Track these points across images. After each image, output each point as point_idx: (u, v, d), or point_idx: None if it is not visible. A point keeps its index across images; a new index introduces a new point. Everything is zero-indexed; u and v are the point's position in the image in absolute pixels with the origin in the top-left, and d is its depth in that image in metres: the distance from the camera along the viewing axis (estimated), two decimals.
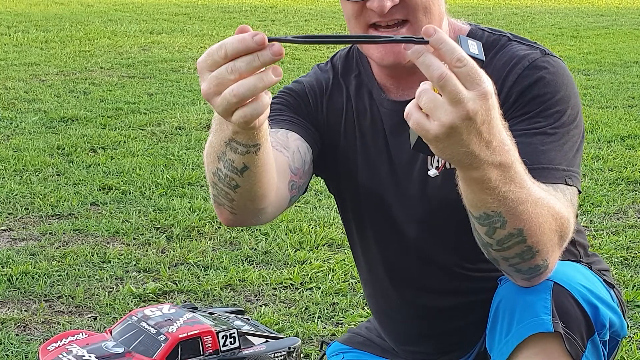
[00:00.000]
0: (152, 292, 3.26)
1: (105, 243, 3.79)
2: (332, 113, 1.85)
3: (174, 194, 4.44)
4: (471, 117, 1.29)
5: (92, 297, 3.23)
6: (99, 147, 5.34)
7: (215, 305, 3.16)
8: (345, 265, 3.49)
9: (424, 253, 1.87)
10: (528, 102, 1.66)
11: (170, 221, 4.01)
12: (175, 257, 3.61)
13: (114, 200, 4.33)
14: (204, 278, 3.40)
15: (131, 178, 4.67)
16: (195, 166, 4.93)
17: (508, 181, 1.39)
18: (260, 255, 3.62)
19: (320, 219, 4.03)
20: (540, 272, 1.56)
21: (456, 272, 1.87)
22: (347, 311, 3.11)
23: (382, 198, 1.84)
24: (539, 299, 1.60)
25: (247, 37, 1.24)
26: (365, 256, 1.98)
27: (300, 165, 1.75)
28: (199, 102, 6.73)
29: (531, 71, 1.68)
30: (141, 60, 8.70)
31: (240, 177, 1.49)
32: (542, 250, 1.50)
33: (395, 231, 1.86)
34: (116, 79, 7.72)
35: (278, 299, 3.23)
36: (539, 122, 1.64)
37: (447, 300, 1.90)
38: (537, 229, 1.47)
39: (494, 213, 1.44)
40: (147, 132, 5.76)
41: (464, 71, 1.27)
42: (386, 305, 2.01)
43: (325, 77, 1.88)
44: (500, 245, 1.50)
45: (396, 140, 1.78)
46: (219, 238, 3.83)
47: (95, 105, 6.55)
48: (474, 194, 1.42)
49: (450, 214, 1.68)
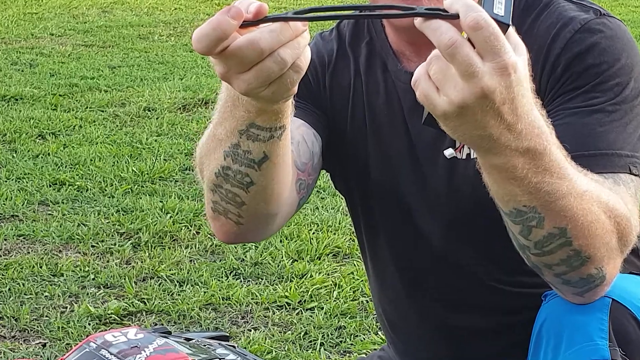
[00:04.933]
0: (115, 312, 3.26)
1: (56, 252, 3.79)
2: (337, 91, 1.86)
3: (141, 191, 4.45)
4: (487, 95, 1.29)
5: (40, 319, 3.24)
6: (49, 132, 5.35)
7: (193, 329, 3.16)
8: (354, 279, 3.50)
9: (450, 262, 1.87)
10: (580, 74, 1.66)
11: (137, 225, 4.02)
12: (144, 269, 3.62)
13: (67, 198, 4.34)
14: (178, 295, 3.41)
15: (89, 171, 4.68)
16: (168, 156, 4.94)
17: (540, 170, 1.40)
18: (249, 268, 3.63)
19: (324, 223, 4.04)
20: (595, 284, 1.57)
21: (491, 285, 1.87)
22: (356, 337, 3.12)
23: (400, 194, 1.85)
24: (593, 319, 1.60)
25: (220, 17, 1.28)
26: (377, 267, 1.99)
27: (308, 159, 1.76)
28: (173, 77, 6.74)
29: (583, 35, 1.67)
30: (101, 25, 8.71)
31: (257, 170, 1.52)
32: (594, 255, 1.51)
33: (415, 235, 1.87)
34: (70, 48, 7.73)
35: (271, 322, 3.24)
36: (596, 98, 1.64)
37: (479, 321, 1.91)
38: (585, 229, 1.47)
39: (527, 209, 1.44)
40: (108, 114, 5.77)
41: (480, 37, 1.27)
42: (403, 328, 2.02)
43: (329, 48, 1.89)
44: (540, 249, 1.50)
45: (417, 122, 1.79)
46: (197, 246, 3.84)
47: (44, 80, 6.56)
48: (497, 184, 1.43)
49: (483, 212, 1.68)
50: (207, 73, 6.88)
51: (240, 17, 1.30)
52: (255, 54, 1.31)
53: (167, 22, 9.02)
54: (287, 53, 1.31)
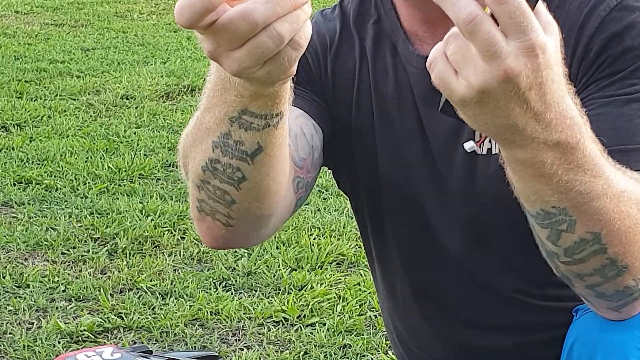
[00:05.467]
0: (89, 329, 3.26)
1: (21, 260, 3.80)
2: (341, 77, 1.86)
3: (118, 190, 4.45)
4: (511, 78, 1.29)
5: (3, 337, 3.24)
6: (13, 124, 5.35)
7: (177, 348, 3.17)
8: (360, 291, 3.51)
9: (469, 272, 1.88)
10: (617, 58, 1.66)
11: (113, 229, 4.02)
12: (121, 279, 3.63)
13: (34, 199, 4.34)
14: (161, 309, 3.42)
15: (59, 168, 4.69)
16: (148, 151, 4.95)
17: (573, 167, 1.40)
18: (241, 278, 3.64)
19: (326, 227, 4.04)
20: (632, 297, 1.57)
21: (514, 299, 1.88)
22: (363, 357, 3.13)
23: (411, 193, 1.85)
24: (630, 337, 1.61)
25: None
26: (386, 277, 1.99)
27: (307, 154, 1.76)
28: (154, 61, 6.74)
29: (620, 13, 1.68)
30: (73, 1, 8.72)
31: (249, 164, 1.52)
32: (632, 265, 1.51)
33: (428, 240, 1.88)
34: (38, 27, 7.74)
35: (266, 339, 3.25)
36: (634, 85, 1.64)
37: (502, 339, 1.91)
38: (622, 235, 1.47)
39: (556, 210, 1.44)
40: (81, 103, 5.78)
41: (504, 12, 1.27)
42: (416, 346, 2.03)
43: (331, 28, 1.89)
44: (570, 256, 1.50)
45: (431, 111, 1.79)
46: (182, 253, 3.85)
47: (7, 65, 6.56)
48: (523, 182, 1.42)
49: (506, 214, 1.69)
50: (194, 56, 6.89)
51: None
52: (249, 27, 1.29)
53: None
54: (284, 27, 1.30)
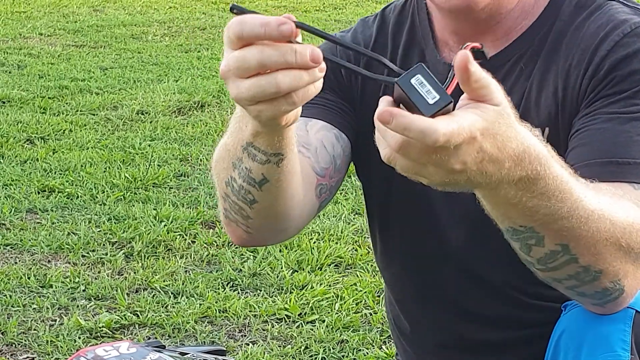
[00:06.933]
0: (107, 325, 3.26)
1: (45, 262, 3.79)
2: (369, 83, 1.85)
3: (134, 198, 4.44)
4: (460, 170, 1.30)
5: (28, 332, 3.24)
6: (38, 137, 5.35)
7: (188, 343, 3.16)
8: (357, 291, 3.49)
9: (469, 267, 1.87)
10: (624, 78, 1.66)
11: (129, 234, 4.01)
12: (137, 280, 3.62)
13: (56, 206, 4.33)
14: (173, 308, 3.41)
15: (79, 177, 4.68)
16: (162, 162, 4.94)
17: (536, 195, 1.38)
18: (247, 279, 3.63)
19: (325, 231, 4.03)
20: (612, 296, 1.56)
21: (510, 295, 1.86)
22: (359, 351, 3.12)
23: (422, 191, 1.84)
24: (615, 329, 1.60)
25: (272, 22, 1.25)
26: (389, 269, 1.98)
27: (328, 164, 1.76)
28: (167, 79, 6.73)
29: (631, 39, 1.68)
30: (92, 24, 8.71)
31: (258, 190, 1.53)
32: (606, 269, 1.50)
33: (434, 236, 1.87)
34: (60, 48, 7.73)
35: (270, 335, 3.24)
36: (636, 105, 1.64)
37: (496, 332, 1.91)
38: (591, 247, 1.46)
39: (524, 228, 1.44)
40: (99, 118, 5.77)
41: (417, 145, 1.25)
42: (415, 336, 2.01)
43: (367, 35, 1.89)
44: (544, 265, 1.50)
45: None
46: (192, 256, 3.84)
47: (32, 82, 6.55)
48: (490, 206, 1.43)
49: None
50: (203, 75, 6.88)
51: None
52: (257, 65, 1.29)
53: (161, 22, 9.02)
54: (285, 80, 1.29)
